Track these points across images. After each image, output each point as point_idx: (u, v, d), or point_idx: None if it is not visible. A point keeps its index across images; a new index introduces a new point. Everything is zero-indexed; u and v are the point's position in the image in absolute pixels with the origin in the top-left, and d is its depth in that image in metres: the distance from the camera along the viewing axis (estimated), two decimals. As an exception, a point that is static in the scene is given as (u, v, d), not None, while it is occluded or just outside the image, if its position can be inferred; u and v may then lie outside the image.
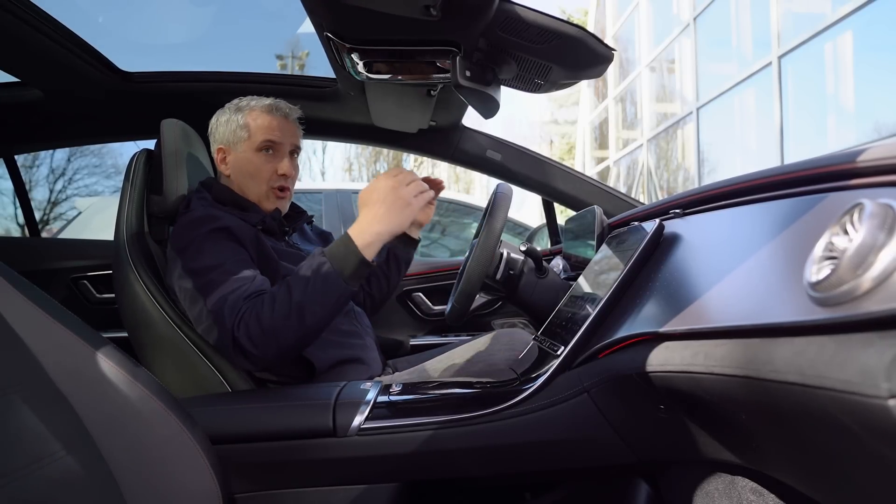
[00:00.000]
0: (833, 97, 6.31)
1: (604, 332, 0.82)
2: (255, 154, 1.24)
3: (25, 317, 0.68)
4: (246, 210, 1.22)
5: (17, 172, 2.00)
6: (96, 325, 0.86)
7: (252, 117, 1.24)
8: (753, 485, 0.72)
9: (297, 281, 0.98)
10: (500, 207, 1.19)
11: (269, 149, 1.24)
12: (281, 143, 1.25)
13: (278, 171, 1.24)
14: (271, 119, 1.24)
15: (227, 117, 1.26)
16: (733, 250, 0.66)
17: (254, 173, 1.24)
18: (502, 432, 0.85)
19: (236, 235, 1.09)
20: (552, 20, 0.94)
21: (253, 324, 0.95)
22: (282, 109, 1.26)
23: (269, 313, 0.95)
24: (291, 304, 0.95)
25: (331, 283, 0.98)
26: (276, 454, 0.88)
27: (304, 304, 0.95)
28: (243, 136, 1.24)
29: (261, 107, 1.25)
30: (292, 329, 0.95)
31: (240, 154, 1.25)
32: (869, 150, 0.50)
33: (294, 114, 1.30)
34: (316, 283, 0.97)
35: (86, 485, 0.65)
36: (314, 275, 0.97)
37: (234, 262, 1.05)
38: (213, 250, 1.07)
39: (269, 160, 1.24)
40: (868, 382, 0.36)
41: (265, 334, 0.94)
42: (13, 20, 1.24)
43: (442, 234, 4.00)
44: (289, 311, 0.95)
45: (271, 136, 1.23)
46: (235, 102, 1.28)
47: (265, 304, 0.96)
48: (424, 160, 15.38)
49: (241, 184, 1.25)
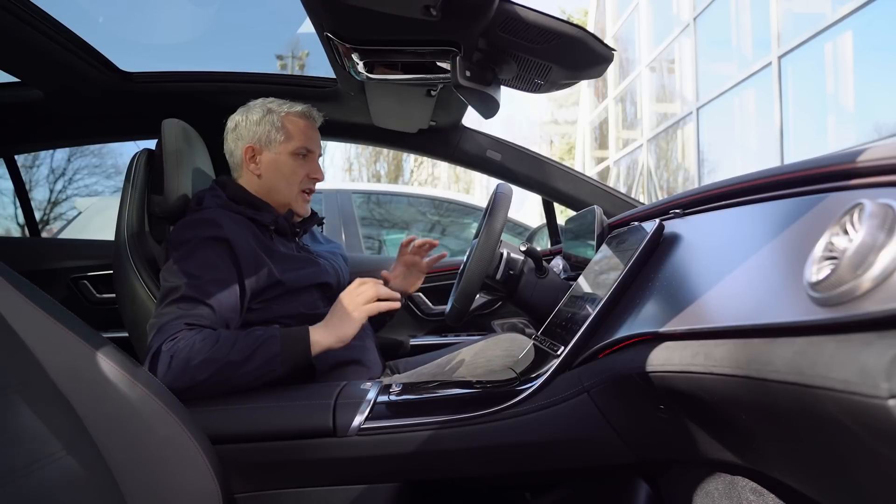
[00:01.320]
0: (833, 97, 6.30)
1: (604, 332, 0.83)
2: (291, 157, 1.25)
3: (25, 317, 0.68)
4: (259, 210, 1.22)
5: (17, 172, 2.00)
6: (96, 325, 0.86)
7: (289, 121, 1.26)
8: (753, 485, 0.72)
9: (242, 340, 0.98)
10: (500, 207, 1.19)
11: (305, 154, 1.27)
12: (314, 151, 1.29)
13: (310, 175, 1.28)
14: (307, 125, 1.28)
15: (258, 117, 1.26)
16: (733, 250, 0.66)
17: (288, 176, 1.26)
18: (502, 432, 0.85)
19: (233, 248, 1.09)
20: (552, 20, 0.94)
21: (182, 353, 0.94)
22: (314, 116, 1.30)
23: (200, 354, 0.94)
24: (225, 359, 0.95)
25: (268, 361, 0.99)
26: (276, 454, 0.88)
27: (236, 364, 0.96)
28: (278, 139, 1.25)
29: (297, 112, 1.28)
30: (212, 380, 0.95)
31: (273, 155, 1.25)
32: (869, 150, 0.50)
33: (321, 120, 1.33)
34: (256, 354, 0.97)
35: (86, 485, 0.65)
36: (260, 346, 0.98)
37: (210, 281, 1.05)
38: (200, 259, 1.07)
39: (303, 164, 1.27)
40: (868, 382, 0.36)
41: (186, 370, 0.93)
42: (13, 20, 1.24)
43: (442, 234, 4.00)
44: (221, 364, 0.95)
45: (308, 143, 1.27)
46: (261, 102, 1.28)
47: (206, 343, 0.96)
48: (424, 160, 15.39)
49: (272, 184, 1.26)
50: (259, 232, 1.18)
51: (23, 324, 0.68)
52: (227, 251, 1.09)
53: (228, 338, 0.98)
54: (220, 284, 1.06)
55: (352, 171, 16.64)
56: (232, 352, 0.96)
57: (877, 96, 5.74)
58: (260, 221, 1.20)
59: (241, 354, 0.96)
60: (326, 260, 1.34)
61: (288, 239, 1.27)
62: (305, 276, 1.20)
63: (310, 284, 1.21)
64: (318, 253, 1.35)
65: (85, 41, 1.42)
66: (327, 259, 1.35)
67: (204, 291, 1.03)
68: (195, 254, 1.07)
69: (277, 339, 1.00)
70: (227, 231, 1.10)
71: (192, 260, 1.07)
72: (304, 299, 1.19)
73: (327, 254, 1.39)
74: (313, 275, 1.23)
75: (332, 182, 1.23)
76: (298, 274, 1.19)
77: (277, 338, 1.01)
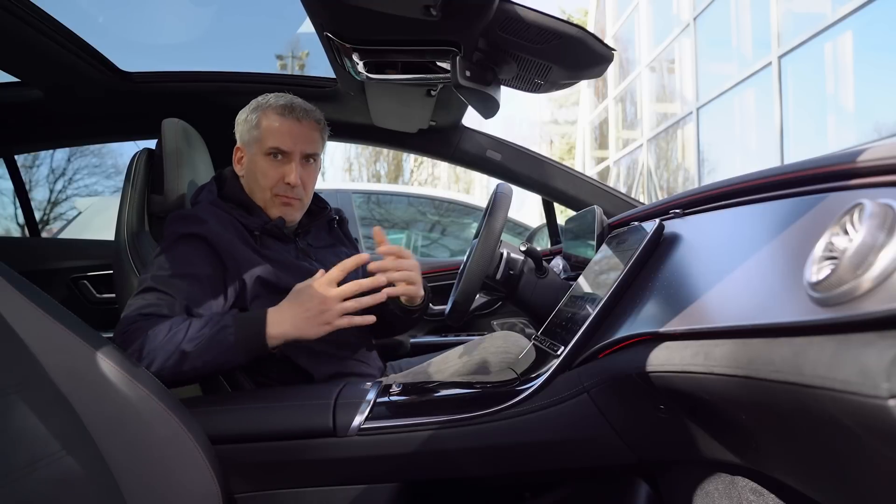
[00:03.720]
0: (833, 97, 6.31)
1: (604, 332, 0.83)
2: (263, 158, 1.16)
3: (25, 317, 0.68)
4: (250, 212, 1.18)
5: (17, 172, 2.00)
6: (96, 325, 0.86)
7: (265, 117, 1.17)
8: (753, 485, 0.72)
9: (195, 328, 0.96)
10: (500, 207, 1.19)
11: (277, 154, 1.16)
12: (290, 151, 1.16)
13: (285, 180, 1.16)
14: (282, 122, 1.16)
15: (245, 116, 1.20)
16: (733, 250, 0.66)
17: (260, 179, 1.17)
18: (502, 432, 0.85)
19: (213, 246, 1.07)
20: (552, 20, 0.94)
21: (137, 342, 0.93)
22: (295, 112, 1.17)
23: (153, 342, 0.93)
24: (178, 347, 0.93)
25: (223, 348, 0.96)
26: (276, 454, 0.88)
27: (188, 353, 0.94)
28: (256, 137, 1.17)
29: (274, 107, 1.17)
30: (167, 367, 0.93)
31: (251, 156, 1.19)
32: (869, 150, 0.50)
33: (309, 116, 1.19)
34: (211, 341, 0.95)
35: (86, 485, 0.65)
36: (214, 333, 0.95)
37: (179, 275, 1.03)
38: (176, 254, 1.06)
39: (277, 166, 1.16)
40: (868, 382, 0.36)
41: (143, 358, 0.92)
42: (13, 20, 1.24)
43: (442, 234, 4.00)
44: (172, 350, 0.93)
45: (279, 142, 1.15)
46: (259, 98, 1.21)
47: (159, 331, 0.94)
48: (424, 160, 15.39)
49: (250, 186, 1.20)
50: (247, 234, 1.13)
51: (23, 324, 0.68)
52: (206, 248, 1.07)
53: (182, 326, 0.95)
54: (189, 279, 1.03)
55: (352, 171, 16.65)
56: (184, 341, 0.94)
57: (877, 96, 5.75)
58: (247, 225, 1.14)
59: (192, 344, 0.94)
60: (326, 267, 1.20)
61: (284, 242, 1.20)
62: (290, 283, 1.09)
63: None
64: (319, 258, 1.24)
65: (85, 41, 1.42)
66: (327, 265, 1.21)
67: (169, 284, 1.01)
68: (172, 249, 1.06)
69: (231, 330, 0.97)
70: (208, 227, 1.07)
71: (168, 254, 1.06)
72: None
73: (333, 258, 1.27)
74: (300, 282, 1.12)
75: (331, 182, 1.23)
76: (283, 280, 1.10)
77: (231, 327, 0.97)
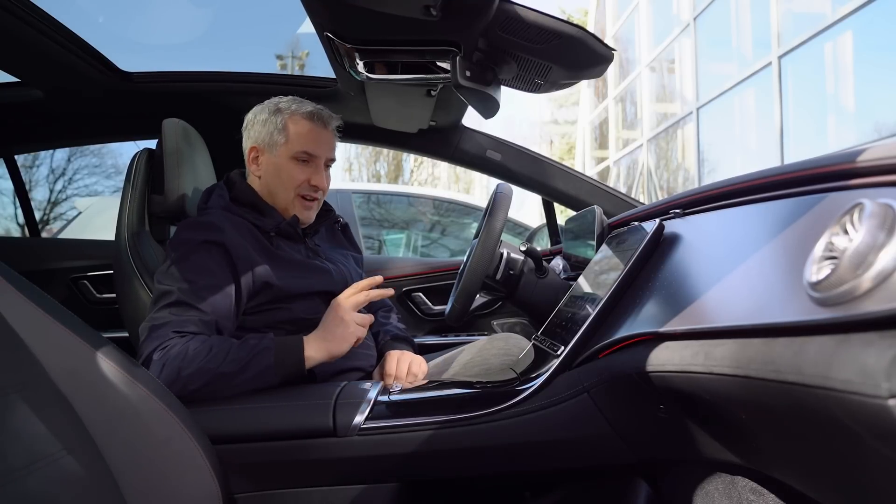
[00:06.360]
0: (833, 97, 6.31)
1: (604, 332, 0.83)
2: (290, 161, 1.19)
3: (25, 317, 0.68)
4: (263, 214, 1.19)
5: (17, 172, 2.00)
6: (96, 325, 0.86)
7: (293, 122, 1.19)
8: (753, 485, 0.72)
9: (235, 351, 0.97)
10: (500, 207, 1.19)
11: (306, 159, 1.20)
12: (317, 157, 1.21)
13: (311, 182, 1.20)
14: (311, 128, 1.20)
15: (265, 117, 1.21)
16: (733, 250, 0.66)
17: (286, 181, 1.20)
18: (502, 432, 0.85)
19: (230, 253, 1.07)
20: (552, 20, 0.94)
21: (174, 362, 0.94)
22: (322, 118, 1.21)
23: (192, 364, 0.94)
24: (217, 370, 0.94)
25: (262, 372, 0.98)
26: (277, 454, 0.88)
27: (227, 375, 0.95)
28: (280, 141, 1.19)
29: (302, 112, 1.20)
30: (204, 390, 0.94)
31: (274, 158, 1.20)
32: (869, 150, 0.50)
33: (333, 122, 1.24)
34: (250, 365, 0.97)
35: (86, 485, 0.65)
36: (253, 357, 0.97)
37: (204, 287, 1.03)
38: (196, 263, 1.05)
39: (304, 170, 1.20)
40: (868, 382, 0.36)
41: (178, 380, 0.93)
42: (13, 20, 1.24)
43: (442, 234, 4.00)
44: (213, 375, 0.94)
45: (309, 147, 1.19)
46: (275, 102, 1.22)
47: (198, 352, 0.95)
48: (424, 160, 15.38)
49: (270, 188, 1.21)
50: (261, 236, 1.15)
51: (23, 324, 0.67)
52: (224, 256, 1.07)
53: (222, 348, 0.97)
54: (214, 290, 1.04)
55: (351, 170, 16.65)
56: (224, 363, 0.95)
57: (877, 96, 5.75)
58: (261, 227, 1.16)
59: (233, 366, 0.95)
60: (336, 265, 1.27)
61: (295, 242, 1.22)
62: (307, 284, 1.16)
63: (310, 291, 1.16)
64: (328, 257, 1.28)
65: (85, 41, 1.42)
66: (337, 264, 1.28)
67: (198, 297, 1.02)
68: (191, 257, 1.06)
69: (271, 352, 0.99)
70: (226, 235, 1.08)
71: (187, 263, 1.05)
72: (305, 305, 1.15)
73: (340, 258, 1.32)
74: (316, 283, 1.17)
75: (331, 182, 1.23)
76: (300, 281, 1.15)
77: (271, 350, 0.99)
